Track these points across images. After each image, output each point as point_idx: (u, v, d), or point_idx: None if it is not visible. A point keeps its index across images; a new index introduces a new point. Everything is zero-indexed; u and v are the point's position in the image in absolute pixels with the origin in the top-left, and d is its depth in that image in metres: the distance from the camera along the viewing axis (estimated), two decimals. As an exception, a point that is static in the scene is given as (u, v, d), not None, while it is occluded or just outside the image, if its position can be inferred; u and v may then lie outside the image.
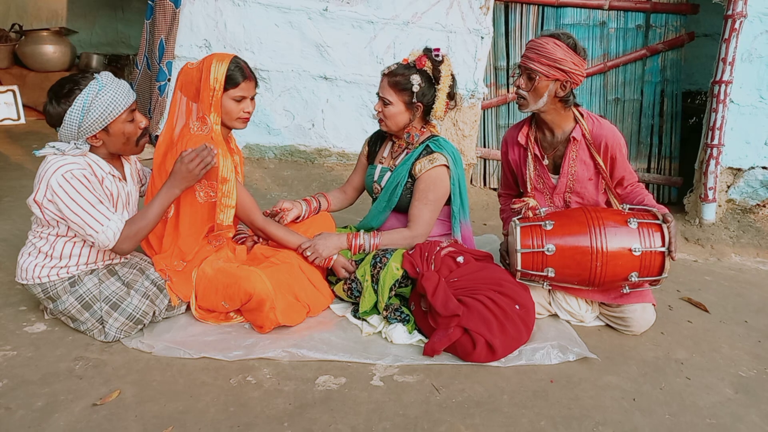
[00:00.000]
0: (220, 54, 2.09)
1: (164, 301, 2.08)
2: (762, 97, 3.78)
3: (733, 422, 1.81)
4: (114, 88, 1.89)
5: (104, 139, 1.94)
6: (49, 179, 1.83)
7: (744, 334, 2.41)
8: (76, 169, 1.85)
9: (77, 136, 1.89)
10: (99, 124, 1.88)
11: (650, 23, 4.23)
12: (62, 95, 1.86)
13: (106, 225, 1.87)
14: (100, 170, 1.95)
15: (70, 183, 1.83)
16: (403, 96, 2.27)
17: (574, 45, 2.16)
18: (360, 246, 2.32)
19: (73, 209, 1.84)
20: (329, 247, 2.27)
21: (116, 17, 6.60)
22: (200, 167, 1.99)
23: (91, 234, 1.87)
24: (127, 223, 1.95)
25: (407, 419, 1.70)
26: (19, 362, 1.86)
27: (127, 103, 1.92)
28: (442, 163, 2.30)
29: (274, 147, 4.29)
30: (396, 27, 4.03)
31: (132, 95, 1.96)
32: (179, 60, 4.01)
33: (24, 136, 4.58)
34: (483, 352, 1.97)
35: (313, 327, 2.17)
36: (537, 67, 2.16)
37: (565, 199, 2.38)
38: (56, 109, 1.86)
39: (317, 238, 2.29)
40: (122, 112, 1.91)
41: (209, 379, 1.83)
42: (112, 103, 1.87)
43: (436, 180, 2.30)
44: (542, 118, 2.30)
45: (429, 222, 2.33)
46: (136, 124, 1.98)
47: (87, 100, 1.84)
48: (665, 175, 4.36)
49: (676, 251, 2.14)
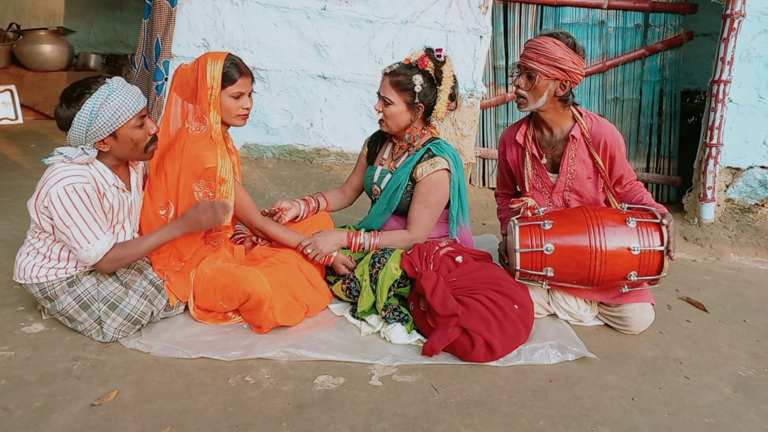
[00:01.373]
0: (213, 53, 2.09)
1: (162, 301, 2.08)
2: (761, 97, 3.78)
3: (732, 421, 1.81)
4: (124, 93, 1.87)
5: (112, 145, 1.92)
6: (50, 188, 1.82)
7: (743, 334, 2.41)
8: (78, 182, 1.83)
9: (85, 141, 1.88)
10: (107, 128, 1.86)
11: (649, 22, 4.23)
12: (72, 99, 1.85)
13: (93, 244, 1.87)
14: (103, 182, 1.94)
15: (69, 196, 1.82)
16: (404, 96, 2.26)
17: (573, 44, 2.16)
18: (360, 245, 2.32)
19: (65, 221, 1.83)
20: (329, 243, 2.27)
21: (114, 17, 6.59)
22: (211, 220, 2.01)
23: (74, 247, 1.87)
24: (118, 246, 1.95)
25: (406, 419, 1.70)
26: (17, 362, 1.85)
27: (137, 109, 1.90)
28: (444, 167, 2.29)
29: (272, 147, 4.28)
30: (395, 26, 4.03)
31: (143, 101, 1.93)
32: (177, 59, 4.00)
33: (22, 135, 4.57)
34: (482, 351, 1.97)
35: (312, 327, 2.17)
36: (536, 67, 2.16)
37: (564, 198, 2.37)
38: (66, 112, 1.86)
39: (317, 235, 2.29)
40: (131, 117, 1.89)
41: (208, 379, 1.83)
42: (121, 107, 1.86)
43: (437, 184, 2.29)
44: (541, 117, 2.30)
45: (428, 226, 2.33)
46: (146, 130, 1.95)
47: (96, 104, 1.83)
48: (664, 175, 4.36)
49: (675, 251, 2.14)
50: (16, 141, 4.45)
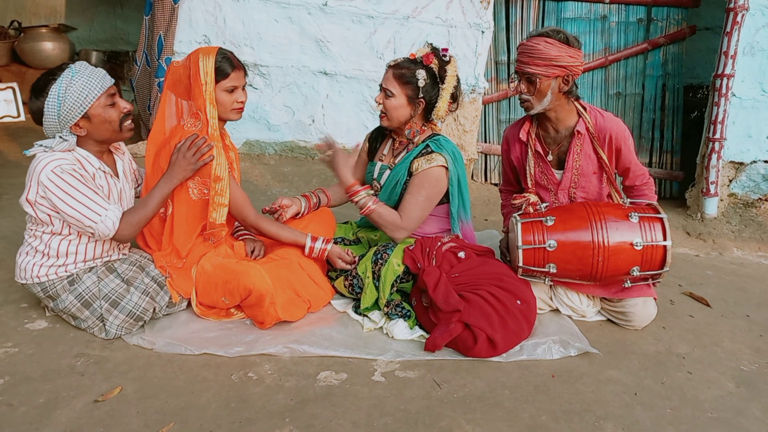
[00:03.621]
0: (204, 48, 2.08)
1: (165, 297, 2.08)
2: (764, 91, 3.77)
3: (734, 416, 1.81)
4: (88, 73, 1.88)
5: (87, 128, 1.92)
6: (39, 176, 1.83)
7: (745, 328, 2.41)
8: (65, 164, 1.85)
9: (60, 127, 1.89)
10: (77, 110, 1.87)
11: (651, 17, 4.22)
12: (39, 88, 1.86)
13: (104, 215, 1.88)
14: (90, 166, 1.95)
15: (61, 177, 1.83)
16: (406, 89, 2.25)
17: (566, 39, 2.12)
18: (356, 201, 2.30)
19: (69, 203, 1.84)
20: (348, 165, 2.30)
21: (115, 13, 6.58)
22: (197, 156, 2.01)
23: (90, 225, 1.87)
24: (127, 212, 1.96)
25: (408, 414, 1.70)
26: (21, 359, 1.86)
27: (103, 87, 1.90)
28: (441, 164, 2.27)
29: (274, 143, 4.28)
30: (396, 22, 4.02)
31: (108, 80, 1.93)
32: (178, 56, 3.99)
33: (24, 133, 4.57)
34: (484, 347, 1.97)
35: (314, 323, 2.17)
36: (535, 70, 2.13)
37: (570, 194, 2.36)
38: (36, 103, 1.87)
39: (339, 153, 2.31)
40: (99, 96, 1.89)
41: (210, 375, 1.83)
42: (86, 88, 1.86)
43: (431, 178, 2.28)
44: (546, 115, 2.27)
45: (417, 218, 2.30)
46: (119, 109, 1.96)
47: (61, 88, 1.84)
48: (667, 170, 4.35)
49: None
50: (17, 138, 4.45)
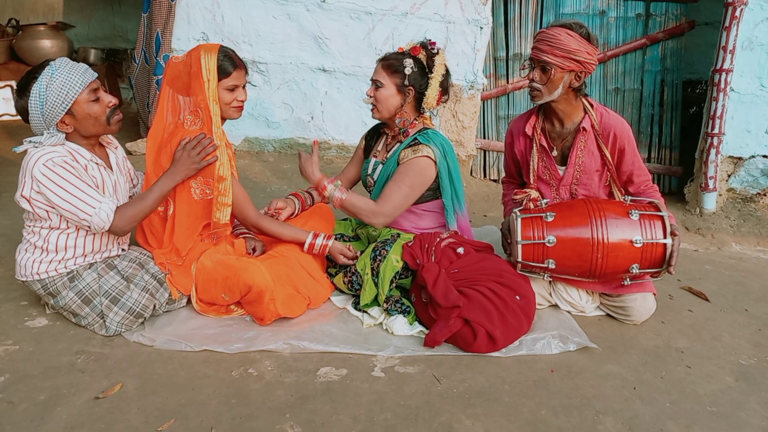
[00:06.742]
0: (205, 45, 2.07)
1: (164, 294, 2.08)
2: (762, 86, 3.77)
3: (733, 410, 1.82)
4: (68, 69, 1.88)
5: (73, 124, 1.92)
6: (32, 171, 1.84)
7: (744, 323, 2.41)
8: (56, 157, 1.86)
9: (46, 125, 1.89)
10: (60, 107, 1.87)
11: (650, 12, 4.21)
12: (22, 88, 1.87)
13: (98, 207, 1.88)
14: (81, 158, 1.95)
15: (53, 170, 1.84)
16: (394, 78, 2.27)
17: (587, 35, 2.12)
18: (327, 197, 2.30)
19: (62, 196, 1.84)
20: (312, 170, 2.29)
21: (113, 11, 6.56)
22: (201, 155, 2.01)
23: (85, 218, 1.88)
24: (124, 205, 1.96)
25: (408, 410, 1.71)
26: (21, 356, 1.86)
27: (84, 82, 1.90)
28: (426, 154, 2.27)
29: (273, 140, 4.28)
30: (394, 18, 4.01)
31: (90, 74, 1.93)
32: (177, 53, 3.99)
33: (22, 131, 4.56)
34: (484, 342, 1.98)
35: (314, 319, 2.17)
36: (551, 60, 2.11)
37: (571, 191, 2.35)
38: (20, 102, 1.88)
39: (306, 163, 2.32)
40: (81, 91, 1.89)
41: (211, 371, 1.84)
42: (67, 84, 1.86)
43: (415, 168, 2.27)
44: (552, 109, 2.27)
45: (398, 206, 2.28)
46: (103, 104, 1.95)
47: (42, 86, 1.84)
48: (665, 165, 4.35)
49: (675, 266, 2.12)
50: (16, 137, 4.45)
